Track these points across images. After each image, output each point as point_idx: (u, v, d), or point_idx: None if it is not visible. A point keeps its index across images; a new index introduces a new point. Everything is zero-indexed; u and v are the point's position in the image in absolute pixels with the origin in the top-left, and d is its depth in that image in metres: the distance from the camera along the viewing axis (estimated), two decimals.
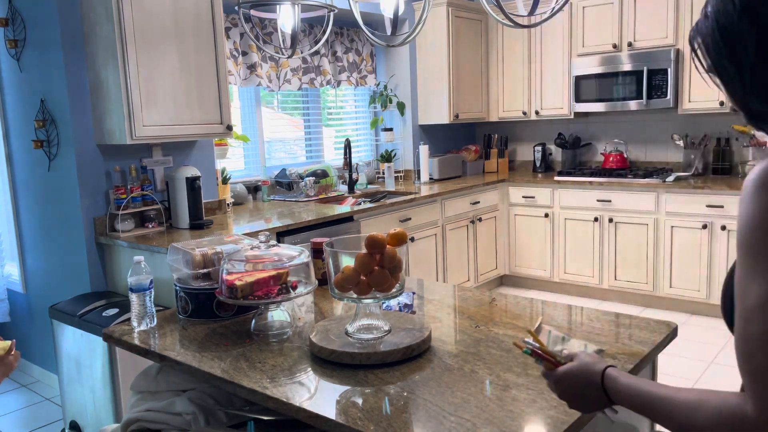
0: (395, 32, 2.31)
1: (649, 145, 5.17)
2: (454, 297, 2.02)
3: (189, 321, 1.87)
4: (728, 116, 4.70)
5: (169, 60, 3.19)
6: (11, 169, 3.70)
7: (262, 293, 1.69)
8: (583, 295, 5.00)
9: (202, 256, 1.89)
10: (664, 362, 3.61)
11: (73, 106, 3.15)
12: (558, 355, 1.10)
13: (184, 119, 3.27)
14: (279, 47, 2.77)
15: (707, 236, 4.32)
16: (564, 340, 1.21)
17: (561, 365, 1.07)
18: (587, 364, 1.03)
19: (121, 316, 2.77)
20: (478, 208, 5.01)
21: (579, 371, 1.03)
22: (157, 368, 1.76)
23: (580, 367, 1.03)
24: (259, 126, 4.55)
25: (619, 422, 1.43)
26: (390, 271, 1.51)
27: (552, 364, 1.09)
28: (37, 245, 3.63)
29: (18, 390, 3.72)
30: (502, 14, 2.02)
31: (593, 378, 1.00)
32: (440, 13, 5.10)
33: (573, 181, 4.89)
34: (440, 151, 5.64)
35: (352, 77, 5.09)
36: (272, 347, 1.63)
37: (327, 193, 4.53)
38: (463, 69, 5.28)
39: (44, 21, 3.17)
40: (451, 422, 1.19)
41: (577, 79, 4.99)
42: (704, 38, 0.85)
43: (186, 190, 3.33)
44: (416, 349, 1.50)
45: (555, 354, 1.11)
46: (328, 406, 1.30)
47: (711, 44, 0.84)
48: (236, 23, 4.17)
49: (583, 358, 1.05)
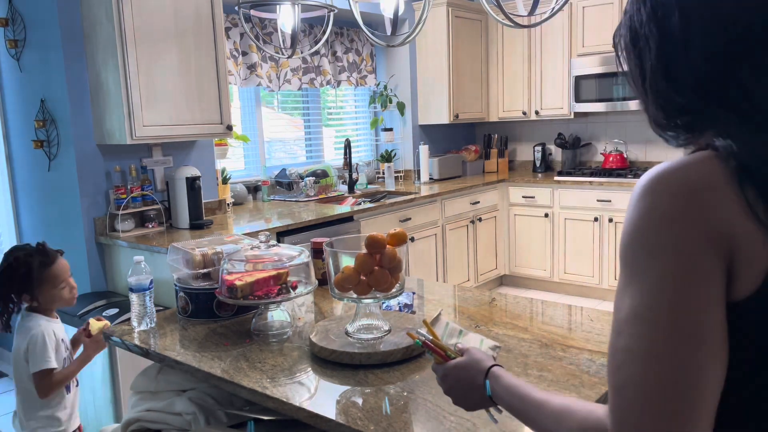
0: (395, 32, 2.31)
1: (649, 145, 5.17)
2: (454, 297, 2.02)
3: (189, 321, 1.87)
4: None
5: (169, 60, 3.19)
6: (11, 169, 3.70)
7: (262, 293, 1.69)
8: (583, 295, 5.00)
9: (202, 256, 1.89)
10: None
11: (73, 106, 3.15)
12: (449, 349, 1.07)
13: (184, 119, 3.27)
14: (279, 47, 2.77)
15: None
16: (461, 333, 1.19)
17: (451, 359, 1.05)
18: (475, 361, 1.01)
19: (121, 316, 2.77)
20: (478, 208, 5.01)
21: (465, 367, 1.02)
22: (157, 368, 1.76)
23: (467, 364, 1.02)
24: (259, 126, 4.55)
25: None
26: (390, 271, 1.51)
27: (442, 358, 1.07)
28: None
29: None
30: (502, 14, 2.02)
31: (478, 376, 0.99)
32: (440, 13, 5.10)
33: (573, 181, 4.89)
34: (440, 151, 5.64)
35: (352, 77, 5.09)
36: (272, 347, 1.63)
37: (327, 193, 4.53)
38: (463, 69, 5.28)
39: (44, 21, 3.17)
40: (451, 422, 1.19)
41: (577, 79, 5.00)
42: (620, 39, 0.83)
43: (186, 190, 3.33)
44: (416, 349, 1.50)
45: (446, 348, 1.08)
46: (328, 406, 1.30)
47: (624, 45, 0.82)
48: (236, 23, 4.17)
49: (473, 355, 1.03)
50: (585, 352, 1.50)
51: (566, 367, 1.41)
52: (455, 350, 1.07)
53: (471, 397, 1.01)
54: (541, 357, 1.48)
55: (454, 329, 1.19)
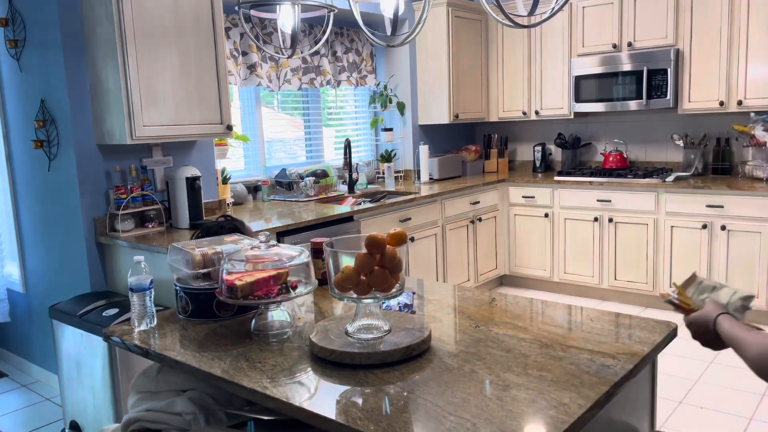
0: (395, 32, 2.31)
1: (649, 145, 5.17)
2: (454, 297, 2.02)
3: (189, 321, 1.87)
4: (728, 116, 4.70)
5: (169, 60, 3.19)
6: (11, 169, 3.71)
7: (262, 293, 1.69)
8: (583, 295, 5.00)
9: (202, 256, 1.89)
10: (664, 362, 3.61)
11: (73, 106, 3.15)
12: (694, 305, 1.42)
13: (184, 119, 3.27)
14: (279, 47, 2.77)
15: (707, 236, 4.32)
16: (714, 289, 1.46)
17: (693, 311, 1.39)
18: (706, 313, 1.35)
19: (121, 316, 2.77)
20: (478, 208, 5.01)
21: (699, 319, 1.36)
22: (157, 368, 1.76)
23: (700, 316, 1.36)
24: (259, 126, 4.55)
25: (619, 422, 1.45)
26: (390, 271, 1.51)
27: (686, 312, 1.41)
28: (37, 245, 3.64)
29: (18, 390, 3.72)
30: (502, 14, 2.02)
31: (708, 324, 1.34)
32: (440, 13, 5.10)
33: (573, 181, 4.89)
34: (440, 151, 5.64)
35: (352, 77, 5.09)
36: (272, 347, 1.63)
37: (327, 193, 4.53)
38: (463, 69, 5.28)
39: (44, 21, 3.17)
40: (451, 422, 1.19)
41: (577, 79, 5.00)
42: None
43: (186, 190, 3.33)
44: (416, 349, 1.50)
45: (691, 304, 1.42)
46: (328, 406, 1.30)
47: None
48: (236, 23, 4.17)
49: (706, 308, 1.36)
50: (585, 352, 1.50)
51: (566, 367, 1.41)
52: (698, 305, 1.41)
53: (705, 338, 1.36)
54: (541, 357, 1.48)
55: (707, 286, 1.47)
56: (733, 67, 4.37)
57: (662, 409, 3.13)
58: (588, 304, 4.73)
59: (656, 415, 1.73)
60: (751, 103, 4.33)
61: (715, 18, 4.39)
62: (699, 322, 1.36)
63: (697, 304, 1.40)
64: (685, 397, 3.29)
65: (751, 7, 4.24)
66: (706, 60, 4.47)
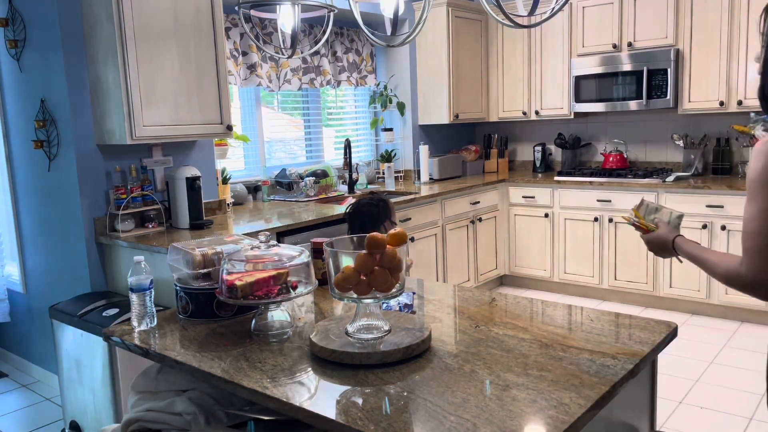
0: (395, 32, 2.31)
1: (649, 145, 5.17)
2: (454, 297, 2.02)
3: (189, 321, 1.87)
4: (728, 116, 4.70)
5: (169, 60, 3.19)
6: (11, 169, 3.71)
7: (262, 293, 1.69)
8: (583, 295, 5.00)
9: (202, 256, 1.89)
10: (664, 362, 3.61)
11: (73, 106, 3.15)
12: (649, 225, 1.72)
13: (184, 119, 3.27)
14: (279, 47, 2.77)
15: (707, 236, 4.32)
16: (657, 210, 1.75)
17: (651, 232, 1.71)
18: (663, 234, 1.68)
19: (121, 316, 2.77)
20: (478, 208, 5.01)
21: (658, 238, 1.69)
22: (157, 368, 1.76)
23: (659, 236, 1.69)
24: (259, 126, 4.55)
25: (619, 422, 1.45)
26: (390, 271, 1.51)
27: (645, 231, 1.73)
28: (37, 245, 3.64)
29: (18, 390, 3.72)
30: (502, 14, 2.02)
31: (667, 243, 1.66)
32: (440, 13, 5.10)
33: (573, 181, 4.89)
34: (440, 151, 5.64)
35: (352, 77, 5.09)
36: (272, 347, 1.63)
37: (327, 193, 4.53)
38: (463, 69, 5.28)
39: (44, 21, 3.17)
40: (451, 422, 1.19)
41: (577, 79, 5.00)
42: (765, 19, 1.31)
43: (186, 190, 3.33)
44: (416, 349, 1.50)
45: (647, 224, 1.73)
46: (328, 406, 1.30)
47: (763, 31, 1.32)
48: (236, 23, 4.17)
49: (662, 229, 1.69)
50: (585, 352, 1.50)
51: (566, 367, 1.41)
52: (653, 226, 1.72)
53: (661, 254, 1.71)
54: (541, 357, 1.48)
55: (651, 208, 1.76)
56: (733, 67, 4.37)
57: (662, 409, 3.13)
58: (588, 304, 4.73)
59: (656, 415, 1.73)
60: (751, 103, 4.33)
61: (715, 18, 4.39)
62: (658, 242, 1.69)
63: (651, 225, 1.72)
64: (685, 397, 3.29)
65: (751, 7, 4.24)
66: (706, 60, 4.47)
